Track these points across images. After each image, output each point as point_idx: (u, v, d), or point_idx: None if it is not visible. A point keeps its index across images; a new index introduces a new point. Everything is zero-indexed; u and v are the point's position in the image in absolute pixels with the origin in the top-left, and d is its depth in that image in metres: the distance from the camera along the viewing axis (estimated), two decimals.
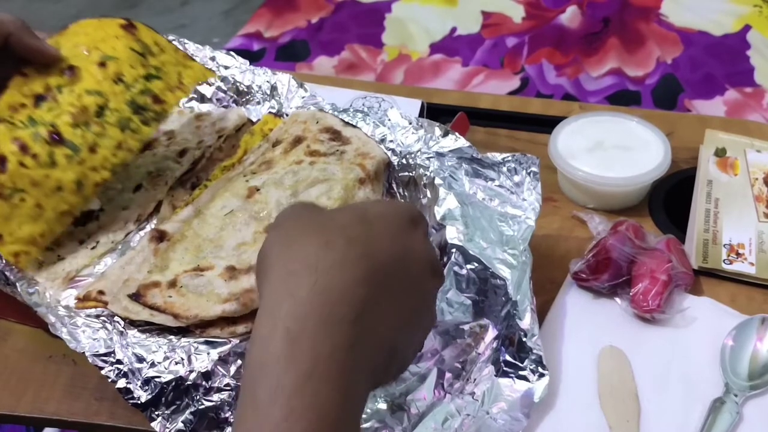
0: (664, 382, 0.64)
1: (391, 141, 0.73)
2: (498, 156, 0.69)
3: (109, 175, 0.68)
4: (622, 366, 0.65)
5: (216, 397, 0.58)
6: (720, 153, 0.84)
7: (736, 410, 0.62)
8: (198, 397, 0.58)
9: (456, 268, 0.61)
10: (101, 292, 0.65)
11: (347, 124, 0.75)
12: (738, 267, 0.73)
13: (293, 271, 0.44)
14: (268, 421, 0.41)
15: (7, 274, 0.66)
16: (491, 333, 0.61)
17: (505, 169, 0.68)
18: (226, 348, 0.59)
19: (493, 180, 0.68)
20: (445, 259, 0.63)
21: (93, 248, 0.71)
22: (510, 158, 0.68)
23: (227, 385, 0.58)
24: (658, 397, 0.63)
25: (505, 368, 0.60)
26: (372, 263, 0.46)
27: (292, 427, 0.41)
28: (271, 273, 0.45)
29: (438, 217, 0.65)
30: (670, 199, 0.81)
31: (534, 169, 0.68)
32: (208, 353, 0.58)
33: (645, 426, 0.61)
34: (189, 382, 0.58)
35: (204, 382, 0.58)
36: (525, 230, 0.65)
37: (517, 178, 0.68)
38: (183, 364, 0.58)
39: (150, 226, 0.73)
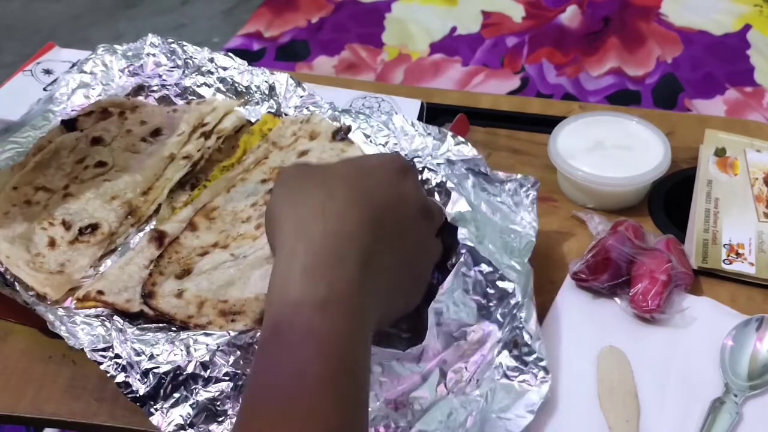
0: (663, 382, 0.64)
1: (395, 144, 0.73)
2: (502, 175, 0.71)
3: None
4: (621, 366, 0.65)
5: (215, 388, 0.57)
6: (720, 153, 0.84)
7: (736, 410, 0.62)
8: (197, 389, 0.58)
9: (464, 269, 0.62)
10: (100, 292, 0.65)
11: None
12: (738, 267, 0.73)
13: (303, 218, 0.49)
14: (287, 342, 0.45)
15: (6, 275, 0.66)
16: (495, 336, 0.61)
17: (507, 187, 0.70)
18: (225, 339, 0.59)
19: (495, 196, 0.70)
20: (454, 259, 0.63)
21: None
22: (512, 178, 0.70)
23: (226, 374, 0.57)
24: (658, 397, 0.63)
25: (507, 372, 0.60)
26: (372, 208, 0.51)
27: (314, 345, 0.44)
28: (283, 222, 0.50)
29: (449, 219, 0.65)
30: (670, 199, 0.81)
31: (533, 192, 0.70)
32: (207, 344, 0.58)
33: (644, 426, 0.61)
34: (188, 372, 0.58)
35: (203, 372, 0.58)
36: (526, 244, 0.66)
37: (516, 199, 0.70)
38: (181, 355, 0.58)
39: (149, 227, 0.73)
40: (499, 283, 0.62)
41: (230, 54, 0.84)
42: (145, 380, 0.58)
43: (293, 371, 0.43)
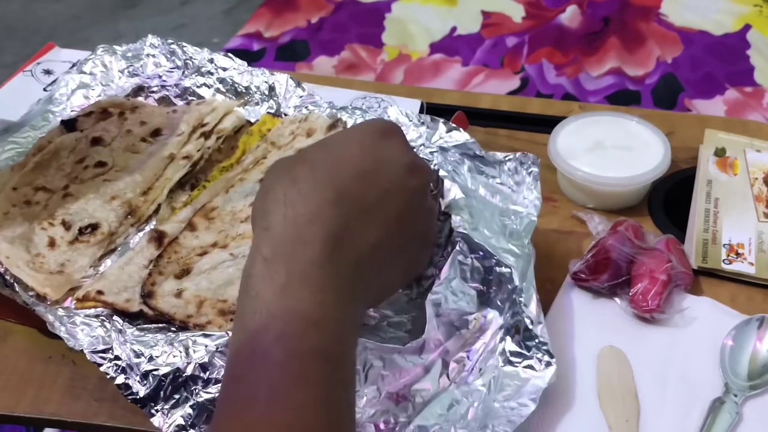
0: (663, 381, 0.64)
1: None
2: (499, 155, 0.69)
3: None
4: (621, 366, 0.65)
5: (214, 389, 0.57)
6: (720, 153, 0.84)
7: (736, 410, 0.62)
8: (197, 390, 0.58)
9: (461, 257, 0.61)
10: (100, 292, 0.65)
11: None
12: (737, 267, 0.73)
13: (267, 210, 0.49)
14: (251, 328, 0.45)
15: (6, 276, 0.66)
16: (496, 323, 0.61)
17: (506, 167, 0.69)
18: (224, 339, 0.59)
19: (494, 177, 0.68)
20: (449, 248, 0.63)
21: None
22: (511, 157, 0.69)
23: None
24: (658, 397, 0.63)
25: (511, 358, 0.59)
26: (339, 183, 0.50)
27: (273, 329, 0.44)
28: (254, 218, 0.51)
29: (443, 207, 0.65)
30: (670, 199, 0.81)
31: (534, 169, 0.68)
32: (206, 345, 0.58)
33: (644, 426, 0.61)
34: (187, 374, 0.58)
35: (202, 374, 0.58)
36: (527, 225, 0.65)
37: (517, 178, 0.68)
38: (180, 357, 0.58)
39: (149, 227, 0.73)
40: (497, 269, 0.61)
41: (230, 54, 0.84)
42: (145, 382, 0.58)
43: (266, 367, 0.43)
